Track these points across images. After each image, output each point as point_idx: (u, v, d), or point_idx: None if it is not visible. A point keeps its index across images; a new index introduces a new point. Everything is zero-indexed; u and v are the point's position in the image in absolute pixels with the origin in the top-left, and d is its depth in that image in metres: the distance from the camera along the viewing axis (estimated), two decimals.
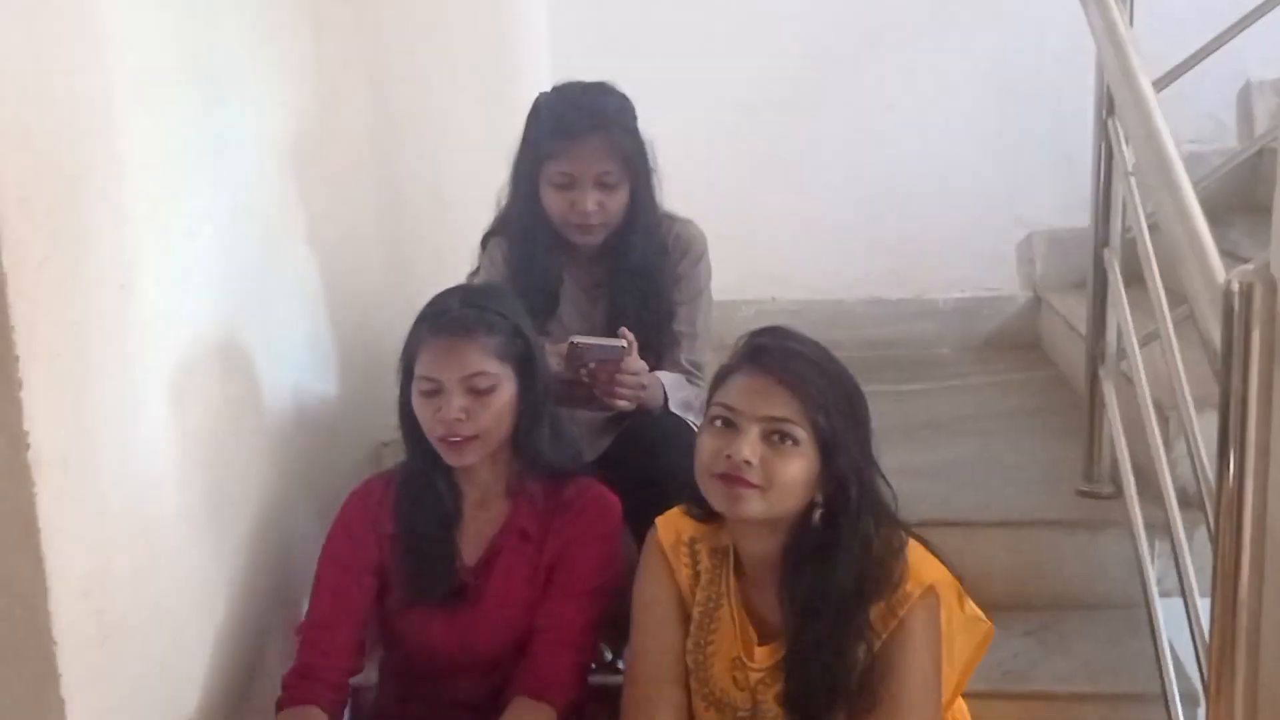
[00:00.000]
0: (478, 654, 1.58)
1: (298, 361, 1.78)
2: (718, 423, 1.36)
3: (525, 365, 1.56)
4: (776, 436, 1.32)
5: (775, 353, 1.36)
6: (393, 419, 1.81)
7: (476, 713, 1.56)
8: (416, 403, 1.53)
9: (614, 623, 1.57)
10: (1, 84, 1.07)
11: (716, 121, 3.27)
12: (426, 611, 1.57)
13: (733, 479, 1.32)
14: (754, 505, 1.33)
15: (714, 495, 1.36)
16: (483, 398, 1.51)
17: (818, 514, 1.35)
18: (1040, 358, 3.10)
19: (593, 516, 1.59)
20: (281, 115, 1.70)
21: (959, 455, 2.34)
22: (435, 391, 1.51)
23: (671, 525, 1.48)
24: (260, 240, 1.64)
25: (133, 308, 1.30)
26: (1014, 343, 3.23)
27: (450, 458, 1.53)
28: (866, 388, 1.41)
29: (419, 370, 1.53)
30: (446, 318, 1.53)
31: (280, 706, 1.50)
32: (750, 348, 1.39)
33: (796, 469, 1.32)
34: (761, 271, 3.30)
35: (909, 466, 2.21)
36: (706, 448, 1.36)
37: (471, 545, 1.59)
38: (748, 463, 1.31)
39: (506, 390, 1.53)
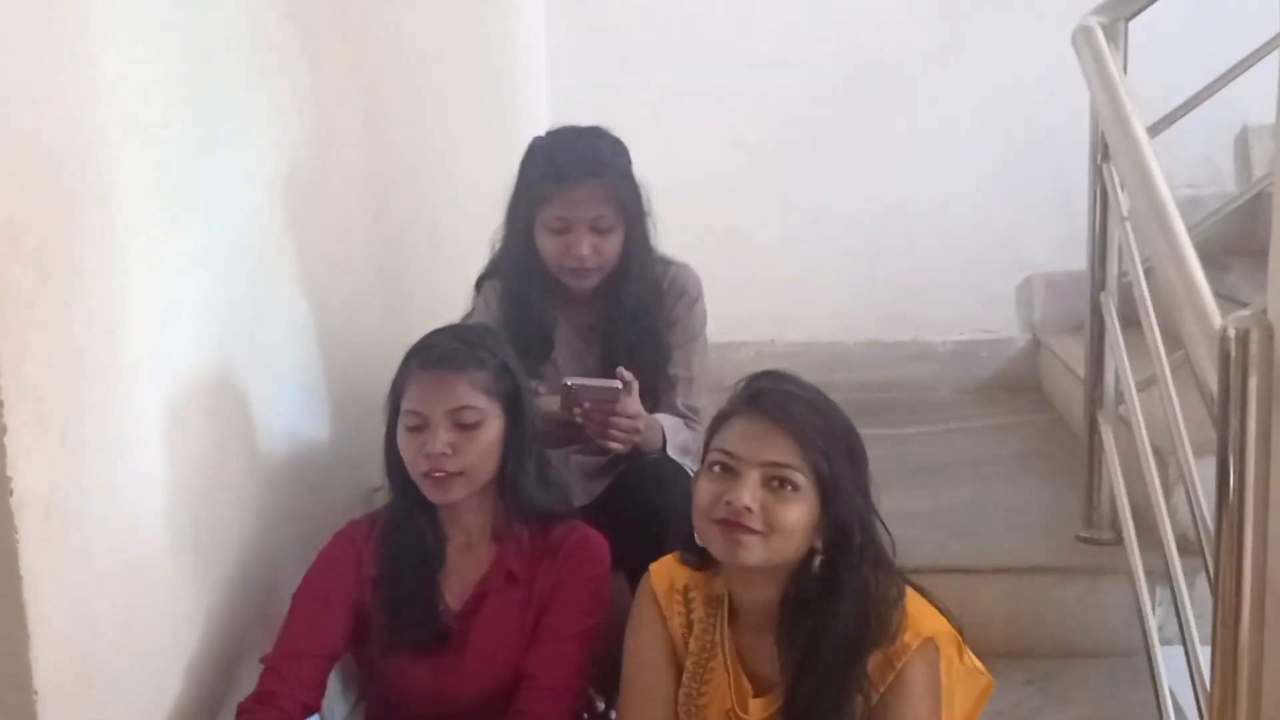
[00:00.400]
0: (461, 701, 1.55)
1: (290, 403, 1.76)
2: (716, 468, 1.34)
3: (513, 404, 1.54)
4: (776, 482, 1.31)
5: (775, 396, 1.35)
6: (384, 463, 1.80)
7: None
8: (402, 439, 1.52)
9: (606, 672, 1.54)
10: None
11: (715, 162, 3.30)
12: (408, 657, 1.54)
13: (732, 525, 1.30)
14: (754, 552, 1.31)
15: (713, 542, 1.34)
16: (469, 432, 1.49)
17: (818, 560, 1.33)
18: (1040, 401, 3.09)
19: (581, 558, 1.56)
20: (276, 154, 1.70)
21: (958, 500, 2.33)
22: (421, 426, 1.49)
23: (665, 573, 1.46)
24: (253, 280, 1.63)
25: (122, 348, 1.29)
26: (1013, 386, 3.23)
27: (434, 494, 1.51)
28: (865, 431, 1.40)
29: (405, 405, 1.51)
30: (435, 352, 1.52)
31: None
32: (749, 391, 1.37)
33: (797, 514, 1.30)
34: (761, 313, 3.31)
35: (907, 511, 2.20)
36: (705, 493, 1.34)
37: (456, 590, 1.57)
38: (748, 509, 1.29)
39: (493, 427, 1.52)
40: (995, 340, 3.31)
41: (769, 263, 3.33)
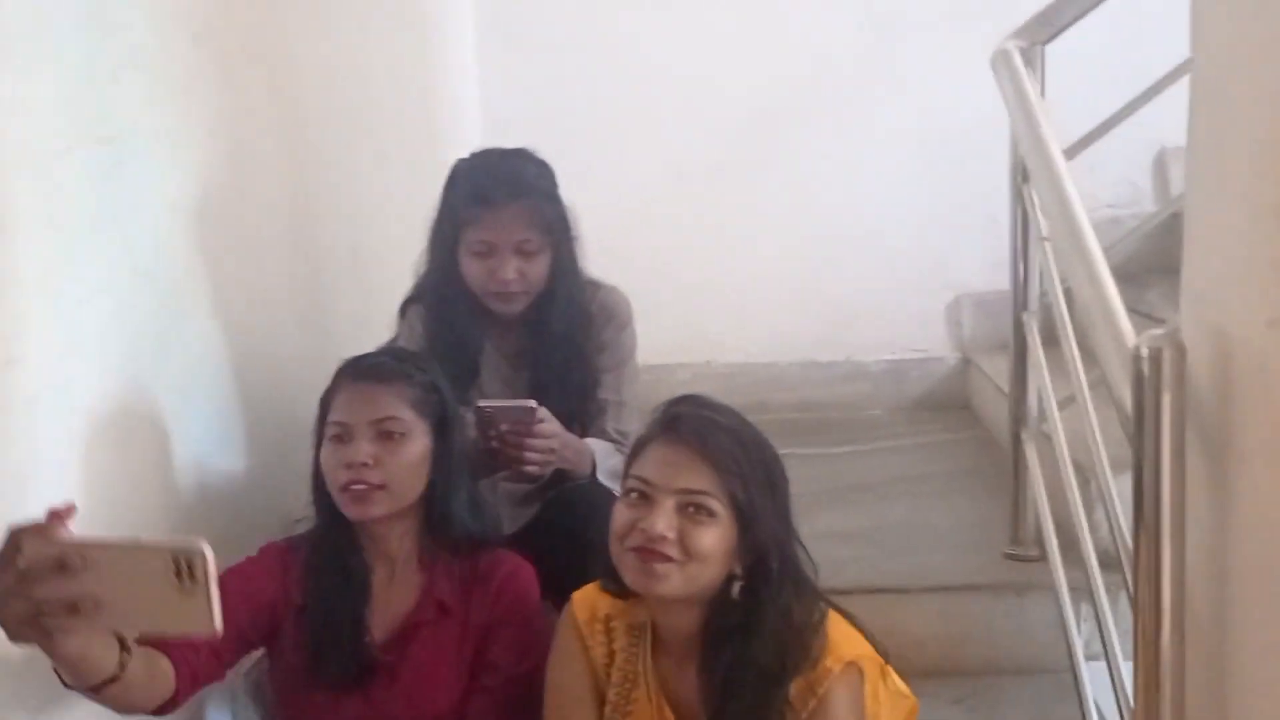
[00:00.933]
0: None
1: (203, 433, 1.71)
2: (633, 495, 1.33)
3: (441, 425, 1.53)
4: (692, 509, 1.30)
5: (691, 422, 1.34)
6: (306, 493, 1.75)
7: None
8: (325, 451, 1.50)
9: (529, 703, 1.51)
10: None
11: (649, 185, 3.29)
12: (331, 693, 1.49)
13: (647, 553, 1.29)
14: (670, 581, 1.29)
15: (628, 570, 1.32)
16: (393, 445, 1.47)
17: (736, 587, 1.32)
18: (970, 419, 3.12)
19: (515, 595, 1.53)
20: (186, 177, 1.66)
21: (889, 519, 2.33)
22: (344, 436, 1.48)
23: (587, 602, 1.44)
24: (161, 307, 1.58)
25: (20, 380, 1.24)
26: (944, 404, 3.26)
27: (352, 509, 1.47)
28: (799, 450, 1.40)
29: (331, 416, 1.50)
30: (364, 364, 1.53)
31: None
32: (666, 417, 1.36)
33: (712, 540, 1.29)
34: (696, 335, 3.31)
35: (839, 531, 2.20)
36: (620, 520, 1.33)
37: (381, 622, 1.53)
38: (664, 536, 1.28)
39: (419, 443, 1.50)
40: (926, 359, 3.33)
41: (704, 284, 3.33)
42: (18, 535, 1.04)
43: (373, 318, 2.08)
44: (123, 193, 1.48)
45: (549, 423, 1.70)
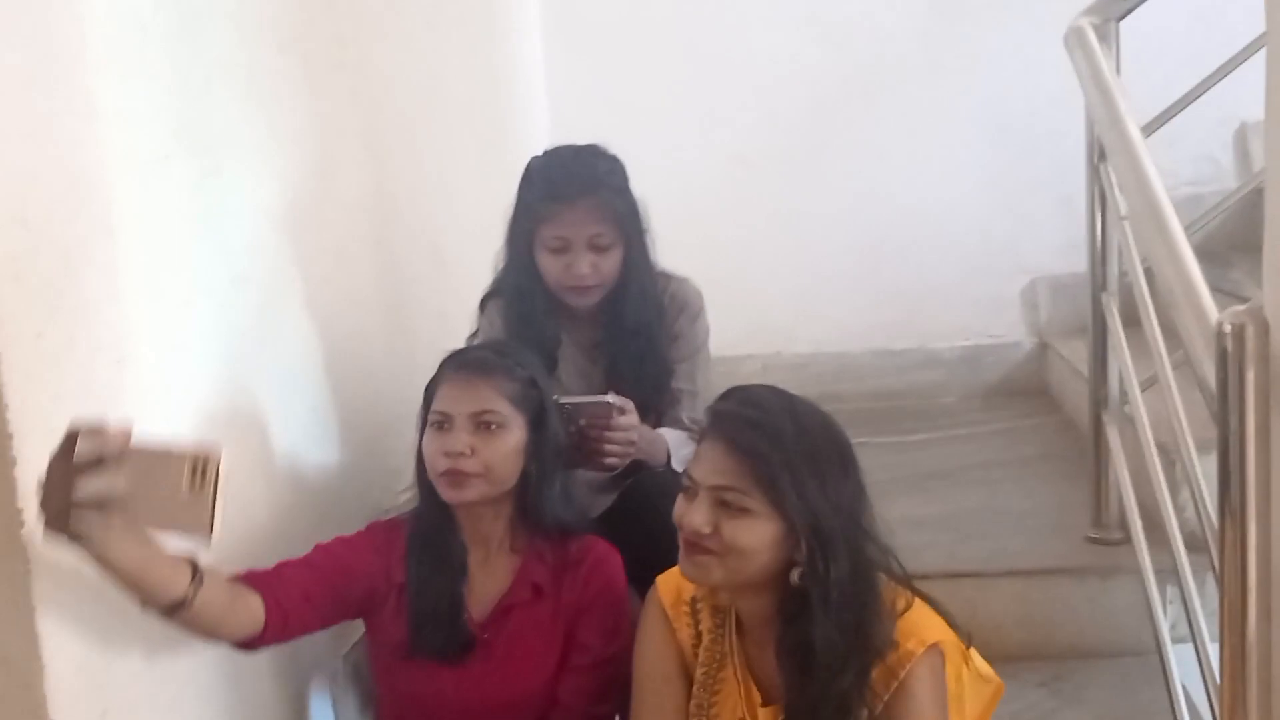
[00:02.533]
0: (487, 709, 1.56)
1: (298, 429, 1.78)
2: (687, 489, 1.37)
3: (538, 419, 1.57)
4: (728, 505, 1.32)
5: (729, 420, 1.35)
6: (394, 485, 1.81)
7: None
8: (425, 438, 1.56)
9: (619, 684, 1.55)
10: None
11: (715, 177, 3.31)
12: (432, 668, 1.55)
13: (690, 545, 1.34)
14: (710, 573, 1.33)
15: (680, 560, 1.37)
16: (490, 436, 1.52)
17: (796, 573, 1.33)
18: (1047, 404, 3.09)
19: (604, 578, 1.58)
20: (277, 183, 1.72)
21: (966, 505, 2.33)
22: (444, 425, 1.53)
23: (672, 584, 1.47)
24: (258, 308, 1.64)
25: (129, 379, 1.30)
26: (1020, 389, 3.23)
27: (449, 493, 1.53)
28: (872, 439, 1.40)
29: (434, 405, 1.56)
30: (467, 357, 1.61)
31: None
32: (710, 414, 1.40)
33: (749, 536, 1.31)
34: (766, 325, 3.32)
35: (914, 517, 2.20)
36: (675, 512, 1.38)
37: (479, 601, 1.58)
38: (701, 531, 1.32)
39: (515, 435, 1.55)
40: (1001, 345, 3.30)
41: (772, 274, 3.34)
42: (76, 430, 1.11)
43: (453, 314, 2.14)
44: (218, 199, 1.54)
45: (628, 415, 1.73)
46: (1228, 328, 1.09)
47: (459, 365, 1.58)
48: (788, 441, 1.32)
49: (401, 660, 1.57)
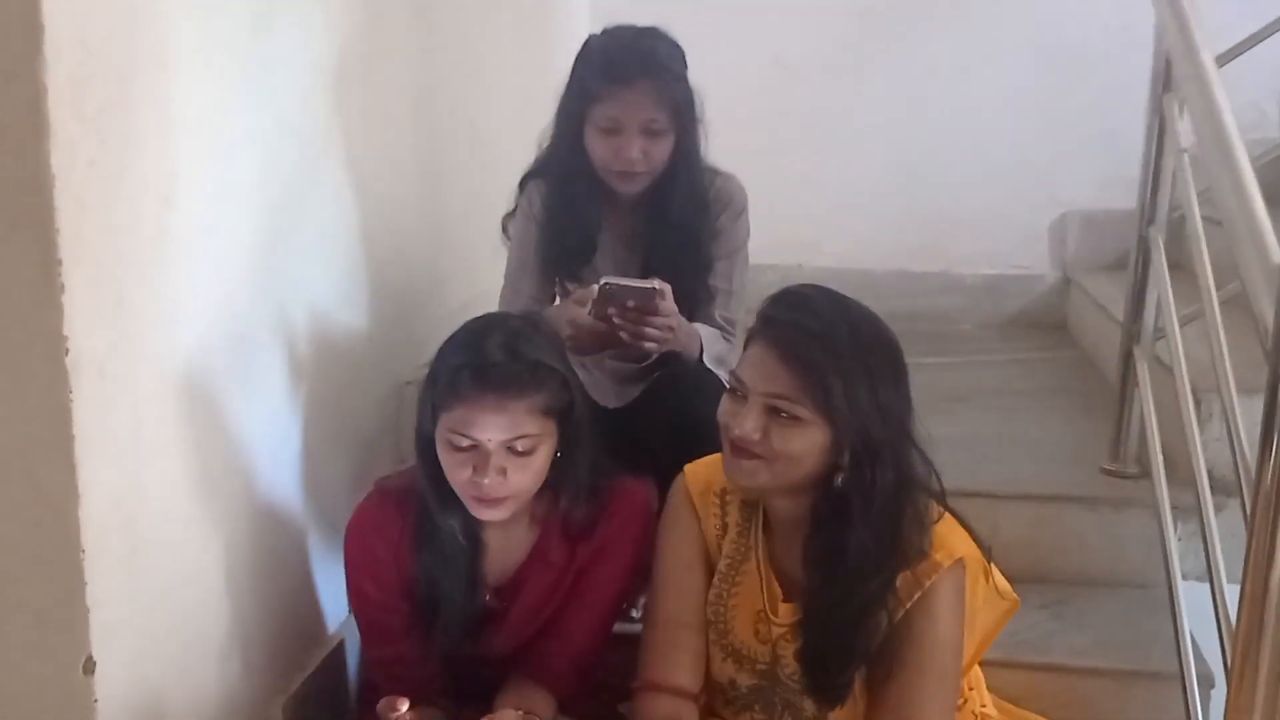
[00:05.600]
0: (497, 655, 1.56)
1: (330, 290, 1.76)
2: (734, 391, 1.35)
3: (567, 412, 1.45)
4: (779, 412, 1.30)
5: (783, 327, 1.32)
6: (417, 358, 1.80)
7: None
8: (445, 455, 1.41)
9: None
10: None
11: (752, 79, 3.21)
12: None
13: (738, 449, 1.32)
14: (755, 477, 1.33)
15: (725, 460, 1.36)
16: (522, 459, 1.40)
17: (839, 478, 1.32)
18: (1065, 339, 3.08)
19: (623, 519, 1.52)
20: (327, 39, 1.68)
21: (982, 430, 2.33)
22: (470, 448, 1.38)
23: (701, 475, 1.47)
24: (300, 162, 1.61)
25: (174, 218, 1.29)
26: (1039, 323, 3.21)
27: (480, 514, 1.43)
28: None
29: (452, 424, 1.38)
30: (493, 371, 1.37)
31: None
32: (761, 318, 1.36)
33: (799, 444, 1.30)
34: (790, 237, 3.25)
35: (933, 437, 2.19)
36: (721, 411, 1.36)
37: (495, 570, 1.54)
38: (750, 437, 1.30)
39: (547, 448, 1.43)
40: (1025, 276, 3.27)
41: (801, 186, 3.27)
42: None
43: (484, 192, 2.11)
44: (271, 47, 1.50)
45: (668, 301, 1.71)
46: None
47: (482, 381, 1.37)
48: (843, 350, 1.29)
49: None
